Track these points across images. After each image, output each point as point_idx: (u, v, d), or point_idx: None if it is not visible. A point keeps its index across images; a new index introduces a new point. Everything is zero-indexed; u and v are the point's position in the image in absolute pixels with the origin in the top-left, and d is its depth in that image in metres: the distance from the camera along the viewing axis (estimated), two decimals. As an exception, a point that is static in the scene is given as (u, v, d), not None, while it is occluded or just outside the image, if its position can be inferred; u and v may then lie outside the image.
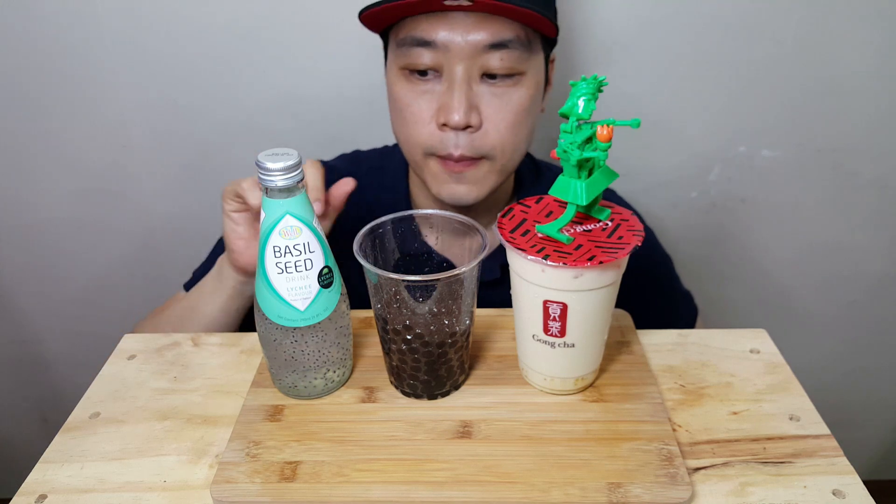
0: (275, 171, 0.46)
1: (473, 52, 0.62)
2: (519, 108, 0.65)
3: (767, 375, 0.58)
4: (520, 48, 0.63)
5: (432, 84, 0.64)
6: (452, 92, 0.63)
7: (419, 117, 0.65)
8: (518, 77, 0.64)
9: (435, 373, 0.53)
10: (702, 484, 0.48)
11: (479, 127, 0.64)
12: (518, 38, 0.63)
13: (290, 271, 0.49)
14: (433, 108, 0.65)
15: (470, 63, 0.62)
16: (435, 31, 0.61)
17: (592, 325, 0.51)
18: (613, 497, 0.45)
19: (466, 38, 0.61)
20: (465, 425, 0.51)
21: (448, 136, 0.64)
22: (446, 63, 0.63)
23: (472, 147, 0.65)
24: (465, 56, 0.62)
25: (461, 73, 0.62)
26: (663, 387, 0.57)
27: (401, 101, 0.66)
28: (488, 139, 0.65)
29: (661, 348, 0.62)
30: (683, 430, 0.53)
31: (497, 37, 0.62)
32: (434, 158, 0.67)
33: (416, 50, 0.63)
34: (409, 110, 0.66)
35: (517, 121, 0.65)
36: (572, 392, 0.54)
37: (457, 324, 0.51)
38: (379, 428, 0.51)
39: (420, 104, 0.65)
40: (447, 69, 0.63)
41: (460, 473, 0.47)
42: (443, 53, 0.62)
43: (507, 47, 0.62)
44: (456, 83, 0.62)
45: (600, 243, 0.48)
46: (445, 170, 0.67)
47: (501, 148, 0.66)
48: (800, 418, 0.54)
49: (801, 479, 0.48)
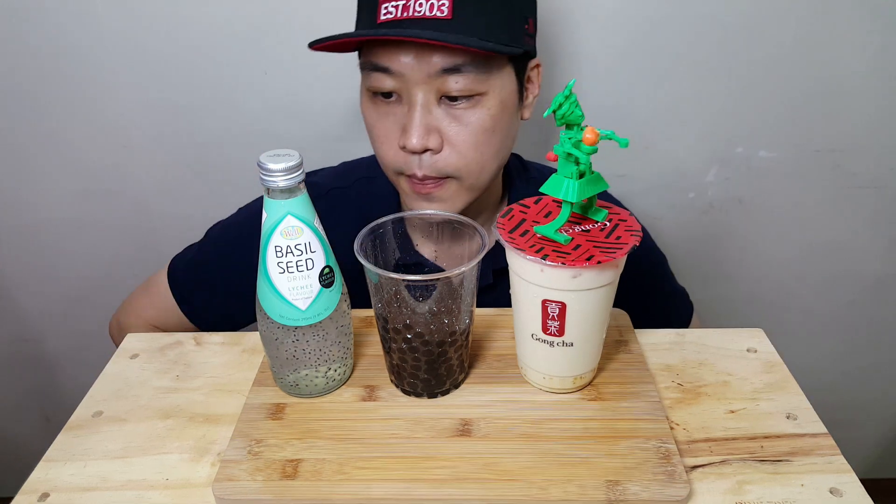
0: (276, 171, 0.46)
1: (428, 77, 0.62)
2: (479, 129, 0.64)
3: (765, 374, 0.59)
4: (475, 71, 0.62)
5: (395, 106, 0.65)
6: (411, 116, 0.63)
7: (386, 138, 0.66)
8: (478, 98, 0.64)
9: (435, 371, 0.53)
10: (699, 482, 0.48)
11: (439, 149, 0.64)
12: (473, 62, 0.62)
13: (292, 271, 0.49)
14: (397, 129, 0.65)
15: (427, 87, 0.62)
16: (390, 59, 0.62)
17: (591, 325, 0.51)
18: (612, 494, 0.45)
19: (420, 65, 0.61)
20: (465, 423, 0.52)
21: (411, 158, 0.65)
22: (405, 87, 0.63)
23: (434, 168, 0.65)
24: (421, 81, 0.62)
25: (420, 98, 0.63)
26: (661, 385, 0.58)
27: (368, 121, 0.68)
28: (451, 160, 0.65)
29: (658, 347, 0.62)
30: (681, 428, 0.53)
31: (450, 62, 0.61)
32: (404, 177, 0.68)
33: (376, 75, 0.64)
34: (376, 131, 0.67)
35: (479, 141, 0.65)
36: (571, 390, 0.55)
37: (456, 323, 0.52)
38: (379, 426, 0.52)
39: (385, 125, 0.66)
40: (406, 93, 0.63)
41: (460, 471, 0.47)
42: (400, 79, 0.63)
43: (460, 71, 0.61)
44: (414, 108, 0.63)
45: (598, 243, 0.49)
46: (414, 189, 0.67)
47: (466, 168, 0.66)
48: (797, 417, 0.54)
49: (798, 477, 0.49)
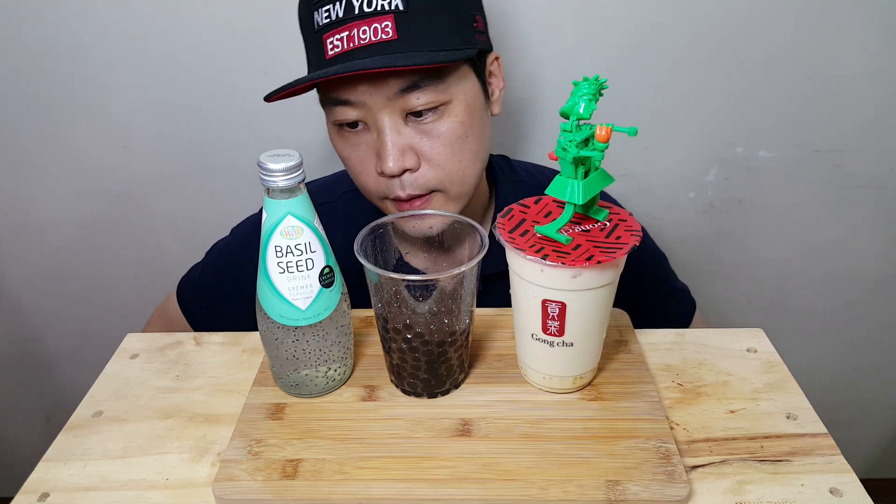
0: (276, 171, 0.47)
1: (388, 100, 0.62)
2: (451, 138, 0.64)
3: (765, 374, 0.59)
4: (433, 82, 0.62)
5: (363, 135, 0.65)
6: (382, 141, 0.63)
7: (362, 167, 0.66)
8: (443, 108, 0.63)
9: (435, 371, 0.53)
10: (699, 482, 0.48)
11: (416, 167, 0.64)
12: (428, 74, 0.61)
13: (292, 271, 0.49)
14: (371, 157, 0.65)
15: (390, 110, 0.62)
16: (347, 91, 0.62)
17: (591, 325, 0.51)
18: (611, 494, 0.45)
19: (377, 90, 0.61)
20: (465, 423, 0.52)
21: (391, 182, 0.65)
22: (369, 115, 0.63)
23: (416, 186, 0.65)
24: (383, 105, 0.62)
25: (386, 122, 0.62)
26: (661, 385, 0.58)
27: (342, 154, 0.68)
28: (431, 175, 0.65)
29: (658, 347, 0.62)
30: (681, 428, 0.53)
31: (406, 81, 0.61)
32: (389, 201, 0.68)
33: (338, 108, 0.64)
34: (350, 162, 0.67)
35: (454, 150, 0.65)
36: (571, 390, 0.55)
37: (456, 323, 0.52)
38: (379, 426, 0.52)
39: (358, 154, 0.66)
40: (371, 120, 0.63)
41: (460, 471, 0.48)
42: (361, 107, 0.63)
43: (419, 87, 0.61)
44: (383, 132, 0.63)
45: (598, 243, 0.49)
46: (401, 210, 0.67)
47: (448, 179, 0.66)
48: (797, 417, 0.54)
49: (798, 477, 0.49)
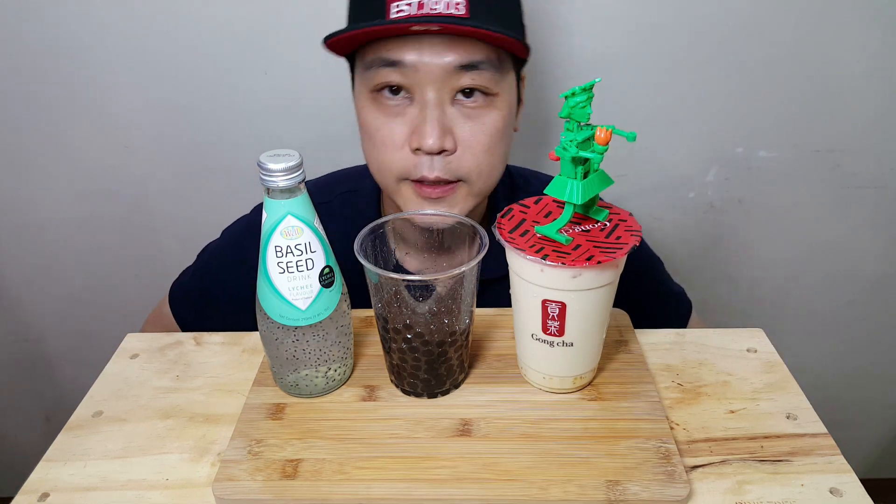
0: (276, 171, 0.47)
1: (444, 74, 0.60)
2: (493, 130, 0.64)
3: (765, 374, 0.59)
4: (491, 69, 0.61)
5: (403, 107, 0.63)
6: (425, 115, 0.61)
7: (391, 141, 0.63)
8: (491, 98, 0.63)
9: (435, 371, 0.53)
10: (699, 482, 0.48)
11: (453, 150, 0.63)
12: (489, 60, 0.61)
13: (292, 271, 0.49)
14: (405, 131, 0.63)
15: (441, 85, 0.61)
16: (403, 53, 0.60)
17: (591, 325, 0.51)
18: (612, 494, 0.45)
19: (436, 61, 0.59)
20: (465, 423, 0.52)
21: (422, 160, 0.63)
22: (417, 85, 0.61)
23: (447, 170, 0.63)
24: (435, 78, 0.60)
25: (433, 96, 0.61)
26: (661, 385, 0.58)
27: (371, 126, 0.65)
28: (464, 162, 0.64)
29: (658, 347, 0.62)
30: (681, 428, 0.53)
31: (467, 58, 0.60)
32: (407, 183, 0.65)
33: (384, 70, 0.61)
34: (380, 134, 0.64)
35: (492, 142, 0.64)
36: (571, 390, 0.55)
37: (456, 323, 0.52)
38: (379, 426, 0.52)
39: (392, 128, 0.63)
40: (418, 92, 0.61)
41: (460, 471, 0.47)
42: (412, 75, 0.60)
43: (477, 68, 0.60)
44: (428, 106, 0.61)
45: (598, 243, 0.49)
46: (421, 194, 0.65)
47: (478, 171, 0.65)
48: (797, 417, 0.54)
49: (798, 477, 0.49)
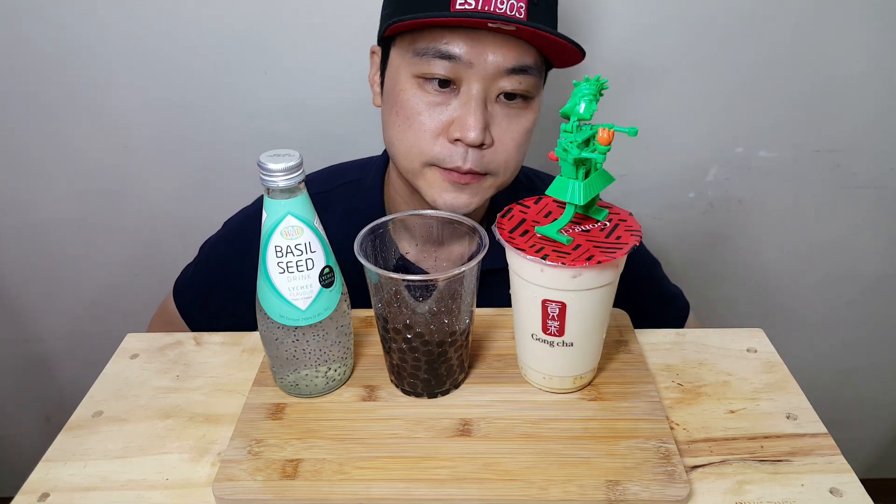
0: (276, 171, 0.47)
1: (495, 73, 0.62)
2: (526, 130, 0.66)
3: (765, 374, 0.59)
4: (536, 74, 0.64)
5: (447, 96, 0.64)
6: (470, 109, 0.62)
7: (428, 128, 0.65)
8: (529, 100, 0.65)
9: (435, 371, 0.53)
10: (699, 482, 0.48)
11: (490, 146, 0.65)
12: (535, 65, 0.63)
13: (292, 271, 0.49)
14: (444, 120, 0.64)
15: (489, 83, 0.62)
16: (460, 47, 0.61)
17: (591, 325, 0.51)
18: (612, 494, 0.45)
19: (491, 59, 0.61)
20: (465, 423, 0.52)
21: (458, 150, 0.64)
22: (465, 79, 0.62)
23: (480, 163, 0.65)
24: (486, 76, 0.62)
25: (479, 92, 0.62)
26: (661, 385, 0.58)
27: (411, 109, 0.65)
28: (497, 157, 0.66)
29: (658, 347, 0.62)
30: (681, 428, 0.53)
31: (520, 61, 0.62)
32: (434, 168, 0.66)
33: (437, 61, 0.62)
34: (419, 119, 0.65)
35: (523, 141, 0.67)
36: (571, 390, 0.55)
37: (456, 323, 0.52)
38: (379, 426, 0.52)
39: (432, 115, 0.64)
40: (465, 85, 0.63)
41: (460, 471, 0.48)
42: (464, 69, 0.62)
43: (526, 72, 0.63)
44: (474, 101, 0.62)
45: (598, 243, 0.49)
46: (448, 179, 0.66)
47: (506, 166, 0.67)
48: (797, 417, 0.54)
49: (798, 477, 0.49)
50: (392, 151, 0.69)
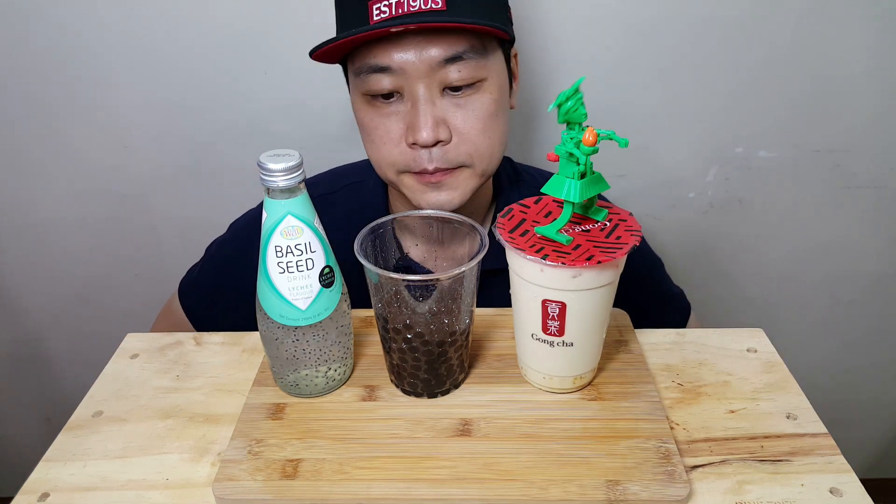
0: (276, 171, 0.47)
1: (429, 69, 0.62)
2: (485, 114, 0.65)
3: (765, 374, 0.59)
4: (475, 56, 0.63)
5: (396, 105, 0.65)
6: (417, 111, 0.63)
7: (388, 138, 0.66)
8: (479, 84, 0.64)
9: (435, 371, 0.53)
10: (699, 482, 0.48)
11: (449, 140, 0.64)
12: (472, 48, 0.62)
13: (292, 271, 0.49)
14: (401, 127, 0.65)
15: (429, 80, 0.63)
16: (388, 56, 0.62)
17: (591, 325, 0.51)
18: (612, 494, 0.45)
19: (420, 58, 0.61)
20: (465, 423, 0.52)
21: (420, 154, 0.65)
22: (406, 84, 0.63)
23: (445, 159, 0.65)
24: (422, 75, 0.62)
25: (422, 92, 0.63)
26: (661, 385, 0.58)
27: (368, 126, 0.67)
28: (461, 149, 0.65)
29: (658, 347, 0.62)
30: (681, 428, 0.53)
31: (450, 51, 0.62)
32: (408, 174, 0.67)
33: (373, 76, 0.63)
34: (377, 133, 0.66)
35: (486, 126, 0.66)
36: (571, 390, 0.55)
37: (456, 323, 0.52)
38: (379, 426, 0.52)
39: (387, 126, 0.65)
40: (407, 90, 0.63)
41: (460, 471, 0.48)
42: (400, 75, 0.62)
43: (462, 59, 0.62)
44: (419, 102, 0.63)
45: (598, 243, 0.49)
46: (421, 182, 0.67)
47: (477, 155, 0.66)
48: (797, 417, 0.54)
49: (798, 477, 0.49)
50: (373, 165, 0.71)
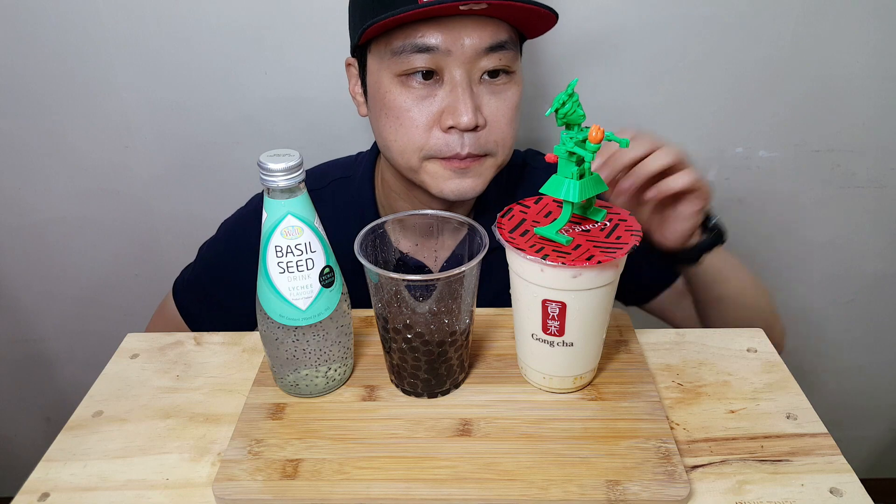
0: (276, 171, 0.47)
1: (474, 55, 0.63)
2: (514, 105, 0.68)
3: (765, 374, 0.59)
4: (513, 48, 0.65)
5: (434, 88, 0.65)
6: (458, 95, 0.64)
7: (419, 122, 0.66)
8: (511, 74, 0.67)
9: (435, 371, 0.53)
10: (699, 482, 0.48)
11: (483, 126, 0.66)
12: (511, 39, 0.65)
13: (292, 271, 0.49)
14: (433, 111, 0.65)
15: (471, 66, 0.64)
16: (434, 37, 0.62)
17: (591, 325, 0.51)
18: (612, 494, 0.45)
19: (468, 43, 0.62)
20: (465, 423, 0.52)
21: (453, 138, 0.65)
22: (446, 67, 0.64)
23: (478, 146, 0.66)
24: (466, 59, 0.63)
25: (463, 76, 0.64)
26: (661, 385, 0.58)
27: (398, 108, 0.66)
28: (492, 136, 0.67)
29: (658, 347, 0.62)
30: (681, 428, 0.53)
31: (495, 39, 0.63)
32: (434, 160, 0.67)
33: (416, 56, 0.63)
34: (408, 115, 0.66)
35: (513, 116, 0.68)
36: (571, 390, 0.55)
37: (456, 323, 0.52)
38: (379, 426, 0.52)
39: (421, 109, 0.65)
40: (448, 73, 0.64)
41: (460, 471, 0.48)
42: (443, 58, 0.63)
43: (504, 48, 0.64)
44: (460, 86, 0.64)
45: (598, 243, 0.49)
46: (449, 168, 0.67)
47: (503, 144, 0.68)
48: (797, 417, 0.54)
49: (798, 477, 0.49)
50: (389, 154, 0.70)
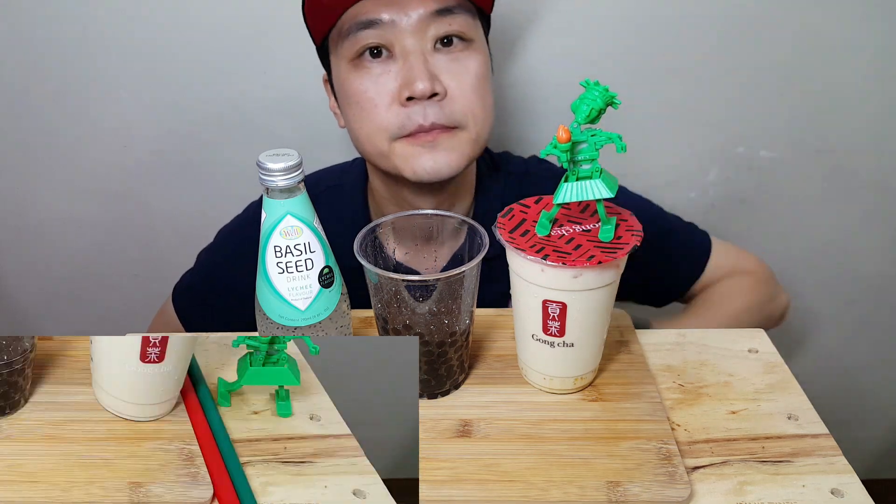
0: (276, 171, 0.46)
1: (421, 22, 0.62)
2: (477, 74, 0.66)
3: (766, 375, 0.59)
4: (465, 13, 0.64)
5: (386, 65, 0.64)
6: (410, 64, 0.63)
7: (379, 101, 0.65)
8: (468, 42, 0.66)
9: (435, 372, 0.53)
10: (700, 483, 0.48)
11: (444, 95, 0.64)
12: (461, 4, 0.64)
13: (291, 271, 0.49)
14: (392, 88, 0.64)
15: (420, 35, 0.63)
16: (378, 11, 0.62)
17: (591, 325, 0.51)
18: (612, 495, 0.45)
19: (412, 10, 0.62)
20: (465, 424, 0.52)
21: (415, 110, 0.64)
22: (396, 40, 0.63)
23: (441, 115, 0.64)
24: (413, 28, 0.62)
25: (414, 45, 0.63)
26: (662, 386, 0.58)
27: (357, 93, 0.65)
28: (457, 105, 0.65)
29: (659, 348, 0.62)
30: (682, 429, 0.53)
31: (442, 3, 0.63)
32: (402, 140, 0.66)
33: (362, 33, 0.63)
34: (367, 96, 0.65)
35: (479, 85, 0.66)
36: (571, 391, 0.55)
37: (456, 323, 0.52)
38: (379, 427, 0.52)
39: (378, 88, 0.64)
40: (399, 46, 0.63)
41: (460, 472, 0.47)
42: (391, 30, 0.62)
43: (452, 13, 0.63)
44: (412, 55, 0.63)
45: (599, 243, 0.49)
46: (417, 144, 0.65)
47: (472, 114, 0.66)
48: (798, 417, 0.54)
49: (799, 478, 0.48)
50: (361, 147, 0.69)
